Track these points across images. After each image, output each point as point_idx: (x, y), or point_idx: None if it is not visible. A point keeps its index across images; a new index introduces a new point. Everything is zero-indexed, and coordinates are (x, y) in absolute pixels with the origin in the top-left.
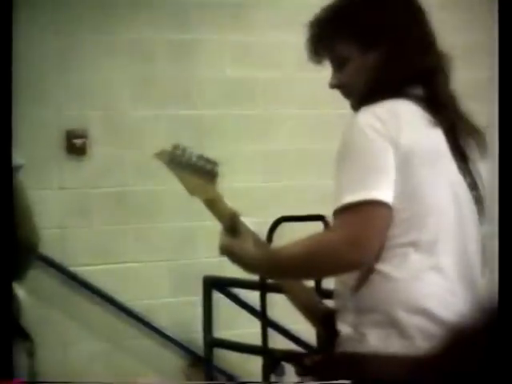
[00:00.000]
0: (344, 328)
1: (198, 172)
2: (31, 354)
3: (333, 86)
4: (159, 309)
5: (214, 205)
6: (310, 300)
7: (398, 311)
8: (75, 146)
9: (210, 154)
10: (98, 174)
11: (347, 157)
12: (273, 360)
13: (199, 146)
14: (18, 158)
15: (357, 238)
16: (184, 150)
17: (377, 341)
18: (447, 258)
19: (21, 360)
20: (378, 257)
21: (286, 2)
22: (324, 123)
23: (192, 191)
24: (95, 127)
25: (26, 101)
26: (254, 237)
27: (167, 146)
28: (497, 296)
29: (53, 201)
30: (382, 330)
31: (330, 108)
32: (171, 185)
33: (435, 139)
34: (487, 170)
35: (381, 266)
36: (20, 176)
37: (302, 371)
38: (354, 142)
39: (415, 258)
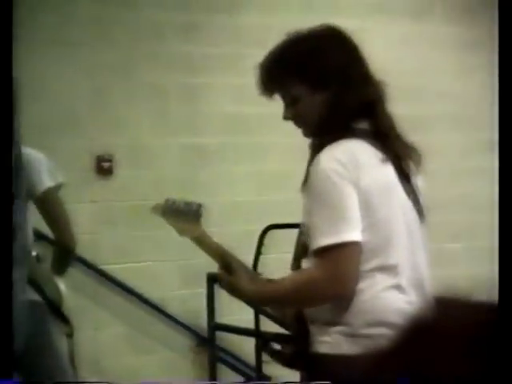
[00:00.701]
0: (321, 336)
1: (184, 216)
2: (70, 335)
3: (286, 118)
4: (171, 299)
5: (200, 242)
6: None
7: (365, 326)
8: (103, 168)
9: (213, 173)
10: (121, 190)
11: (317, 202)
12: (264, 341)
13: (203, 168)
14: (59, 178)
15: (336, 276)
16: (174, 201)
17: (348, 347)
18: (405, 275)
19: (62, 340)
20: None
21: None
22: (304, 149)
23: (180, 233)
24: (120, 153)
25: (64, 131)
26: (246, 270)
27: (172, 175)
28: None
29: (85, 212)
30: (352, 338)
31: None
32: (182, 197)
33: (387, 174)
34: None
35: (358, 288)
36: (60, 192)
37: (283, 362)
38: (322, 187)
39: (380, 280)
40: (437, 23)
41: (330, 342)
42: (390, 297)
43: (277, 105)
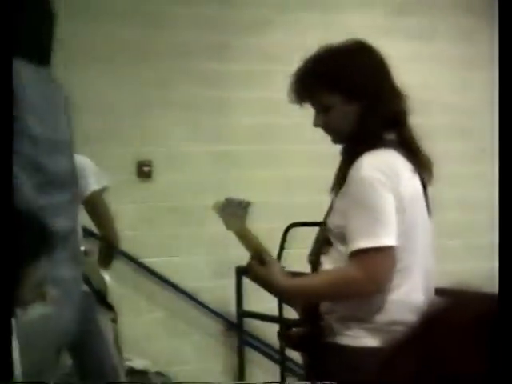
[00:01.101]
0: (341, 329)
1: (234, 213)
2: (114, 320)
3: (316, 125)
4: (203, 289)
5: (242, 236)
6: None
7: (389, 324)
8: (144, 172)
9: (239, 177)
10: (159, 192)
11: (359, 207)
12: (286, 326)
13: (231, 173)
14: (104, 182)
15: (372, 277)
16: (231, 200)
17: (368, 340)
18: (421, 278)
19: (108, 325)
20: None
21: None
22: (321, 155)
23: (227, 227)
24: (158, 159)
25: (109, 140)
26: (278, 266)
27: (211, 178)
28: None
29: (128, 212)
30: (373, 332)
31: (325, 144)
32: (213, 200)
33: (416, 184)
34: None
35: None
36: (105, 194)
37: (287, 343)
38: (365, 194)
39: (404, 282)
40: (441, 43)
41: (350, 335)
42: (412, 298)
43: (296, 116)
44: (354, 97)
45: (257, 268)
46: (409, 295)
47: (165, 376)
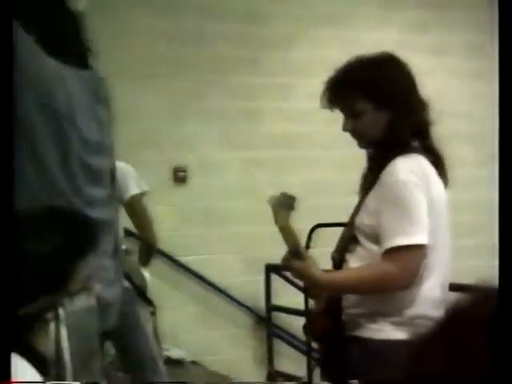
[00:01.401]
0: (365, 322)
1: (283, 207)
2: (153, 314)
3: (347, 130)
4: (236, 285)
5: (283, 229)
6: None
7: (414, 318)
8: (179, 177)
9: (267, 181)
10: (194, 195)
11: (395, 207)
12: (310, 319)
13: (260, 177)
14: (143, 186)
15: (410, 272)
16: (284, 194)
17: (393, 333)
18: (441, 274)
19: (147, 318)
20: None
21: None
22: (342, 160)
23: (275, 221)
24: (192, 165)
25: (148, 148)
26: (314, 262)
27: (248, 179)
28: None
29: (165, 213)
30: (398, 326)
31: (344, 150)
32: (243, 202)
33: (442, 187)
34: None
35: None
36: (145, 198)
37: (311, 336)
38: (401, 195)
39: (429, 278)
40: (452, 58)
41: (375, 328)
42: (434, 294)
43: (319, 124)
44: (384, 105)
45: (295, 262)
46: (432, 291)
47: (199, 365)
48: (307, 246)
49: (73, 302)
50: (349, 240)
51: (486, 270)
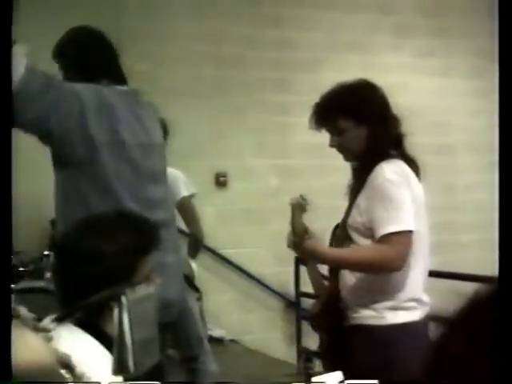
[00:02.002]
0: (363, 311)
1: (299, 208)
2: (199, 299)
3: (333, 146)
4: (269, 274)
5: (294, 222)
6: (319, 277)
7: (402, 299)
8: (220, 181)
9: (298, 186)
10: (233, 197)
11: (385, 201)
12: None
13: (291, 182)
14: (192, 189)
15: (402, 255)
16: (301, 197)
17: (391, 318)
18: (423, 263)
19: (194, 303)
20: None
21: None
22: None
23: (291, 217)
24: (232, 170)
25: (194, 156)
26: (322, 240)
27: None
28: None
29: (209, 213)
30: (394, 311)
31: None
32: (276, 203)
33: (421, 190)
34: None
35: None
36: (193, 200)
37: (313, 326)
38: (388, 191)
39: (416, 263)
40: (457, 78)
41: (374, 315)
42: (422, 279)
43: None
44: (362, 121)
45: (304, 241)
46: (418, 276)
47: (237, 343)
48: (330, 244)
49: (134, 291)
50: (343, 239)
51: (487, 262)
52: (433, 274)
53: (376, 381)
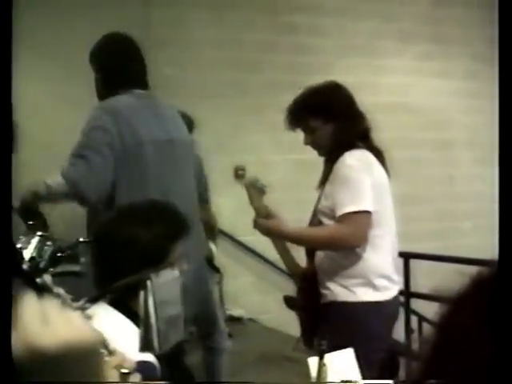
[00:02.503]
0: (337, 288)
1: (257, 190)
2: (220, 282)
3: (307, 144)
4: None
5: (251, 199)
6: (291, 257)
7: (373, 277)
8: (239, 174)
9: (310, 179)
10: None
11: (345, 185)
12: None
13: (307, 175)
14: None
15: (359, 232)
16: (256, 180)
17: (363, 294)
18: (391, 242)
19: (214, 285)
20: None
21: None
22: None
23: (250, 202)
24: (250, 165)
25: (217, 151)
26: (283, 220)
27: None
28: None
29: (228, 203)
30: (364, 287)
31: None
32: (291, 194)
33: (384, 176)
34: None
35: (369, 247)
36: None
37: (291, 306)
38: (348, 175)
39: (384, 243)
40: (454, 80)
41: (346, 292)
42: (385, 257)
43: None
44: (330, 119)
45: (265, 221)
46: (387, 257)
47: (255, 321)
48: None
49: (159, 276)
50: (316, 224)
51: (484, 246)
52: (435, 258)
53: (391, 381)
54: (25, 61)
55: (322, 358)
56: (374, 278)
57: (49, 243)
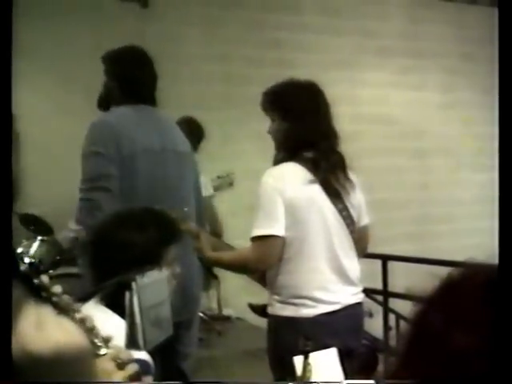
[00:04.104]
0: (270, 301)
1: (180, 216)
2: (217, 287)
3: (268, 132)
4: None
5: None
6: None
7: (291, 297)
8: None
9: None
10: (238, 195)
11: (258, 203)
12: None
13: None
14: (210, 190)
15: (260, 257)
16: (181, 210)
17: (278, 310)
18: (322, 262)
19: (212, 290)
20: (281, 262)
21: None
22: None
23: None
24: (238, 171)
25: (207, 160)
26: (210, 240)
27: None
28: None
29: (222, 208)
30: (281, 304)
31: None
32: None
33: (309, 192)
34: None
35: (285, 268)
36: (213, 200)
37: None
38: (260, 195)
39: (301, 263)
40: (431, 92)
41: (272, 304)
42: (311, 276)
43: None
44: (285, 116)
45: (198, 242)
46: (315, 275)
47: (243, 320)
48: None
49: (145, 277)
50: None
51: (458, 249)
52: (412, 259)
53: (372, 381)
54: (26, 72)
55: (306, 358)
56: (290, 298)
57: (49, 247)
